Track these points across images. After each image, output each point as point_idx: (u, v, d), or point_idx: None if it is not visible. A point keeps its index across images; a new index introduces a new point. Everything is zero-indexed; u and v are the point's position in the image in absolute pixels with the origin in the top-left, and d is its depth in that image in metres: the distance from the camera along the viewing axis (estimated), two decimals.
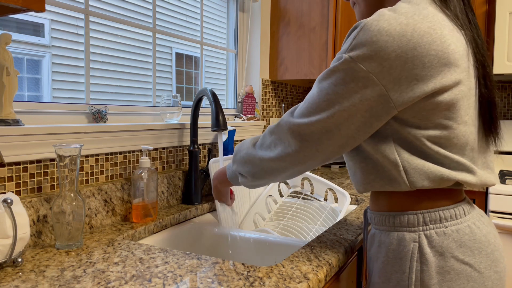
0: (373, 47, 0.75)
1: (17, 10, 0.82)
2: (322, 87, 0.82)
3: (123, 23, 1.50)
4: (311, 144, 0.84)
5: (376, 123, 0.80)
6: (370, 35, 0.76)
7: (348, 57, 0.78)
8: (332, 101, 0.80)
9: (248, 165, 0.98)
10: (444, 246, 0.81)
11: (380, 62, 0.75)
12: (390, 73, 0.75)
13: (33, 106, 1.19)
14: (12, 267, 0.88)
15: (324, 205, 1.61)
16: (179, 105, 1.57)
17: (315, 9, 2.15)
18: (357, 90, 0.78)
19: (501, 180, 1.96)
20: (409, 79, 0.76)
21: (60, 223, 1.00)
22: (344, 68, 0.78)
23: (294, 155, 0.87)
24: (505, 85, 2.49)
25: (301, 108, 0.86)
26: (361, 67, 0.76)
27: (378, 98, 0.77)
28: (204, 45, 1.96)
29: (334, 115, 0.80)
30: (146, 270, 0.87)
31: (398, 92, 0.76)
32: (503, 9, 2.05)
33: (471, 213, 0.86)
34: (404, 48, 0.75)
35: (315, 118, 0.82)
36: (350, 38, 0.80)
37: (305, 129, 0.84)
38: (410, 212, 0.85)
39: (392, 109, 0.78)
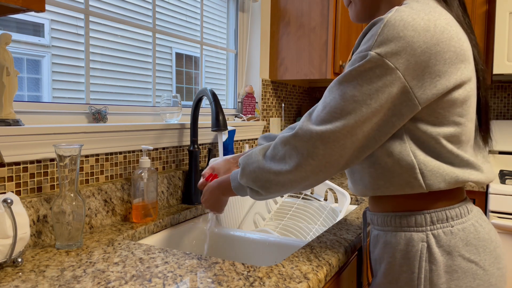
0: (401, 42, 0.74)
1: (17, 10, 0.82)
2: (345, 90, 0.78)
3: (123, 23, 1.50)
4: (336, 150, 0.79)
5: (398, 122, 0.79)
6: (396, 31, 0.74)
7: (376, 54, 0.75)
8: (359, 103, 0.76)
9: (260, 181, 0.88)
10: (452, 245, 0.82)
11: (407, 58, 0.74)
12: (415, 70, 0.75)
13: (33, 106, 1.19)
14: (12, 267, 0.88)
15: (324, 205, 1.61)
16: (179, 105, 1.57)
17: (315, 9, 2.15)
18: (384, 88, 0.75)
19: (501, 180, 1.96)
20: (432, 75, 0.75)
21: (60, 223, 1.00)
22: (372, 66, 0.75)
23: (315, 163, 0.81)
24: (505, 85, 2.49)
25: (320, 114, 0.81)
26: (389, 64, 0.74)
27: (402, 96, 0.76)
28: (204, 45, 1.96)
29: (362, 117, 0.77)
30: (146, 270, 0.87)
31: (422, 89, 0.76)
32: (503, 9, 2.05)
33: (473, 211, 0.87)
34: (429, 44, 0.74)
35: (340, 123, 0.78)
36: (373, 34, 0.77)
37: (329, 136, 0.78)
38: (417, 212, 0.85)
39: (415, 106, 0.77)
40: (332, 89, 0.81)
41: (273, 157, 0.87)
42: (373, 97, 0.76)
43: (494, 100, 2.50)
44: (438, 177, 0.81)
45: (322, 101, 0.82)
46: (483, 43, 2.15)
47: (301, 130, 0.82)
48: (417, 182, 0.81)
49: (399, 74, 0.75)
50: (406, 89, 0.76)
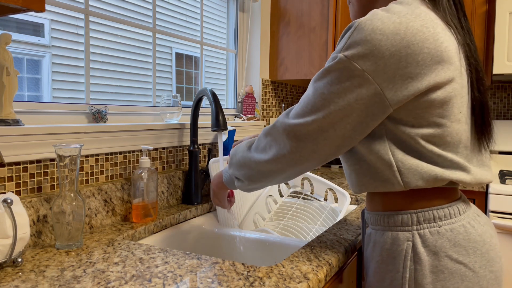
0: (368, 45, 0.76)
1: (17, 10, 0.82)
2: (317, 87, 0.82)
3: (123, 23, 1.50)
4: (307, 144, 0.83)
5: (372, 123, 0.80)
6: (364, 34, 0.76)
7: (343, 56, 0.78)
8: (327, 101, 0.80)
9: (244, 169, 0.95)
10: (438, 245, 0.81)
11: (375, 60, 0.76)
12: (384, 72, 0.76)
13: (33, 106, 1.19)
14: (12, 267, 0.88)
15: (324, 205, 1.62)
16: (179, 105, 1.57)
17: (315, 9, 2.15)
18: (352, 89, 0.77)
19: (501, 180, 1.96)
20: (403, 77, 0.76)
21: (60, 223, 1.00)
22: (339, 67, 0.78)
23: (289, 156, 0.86)
24: (505, 85, 2.49)
25: (296, 109, 0.86)
26: (356, 66, 0.76)
27: (373, 97, 0.77)
28: (204, 45, 1.96)
29: (330, 114, 0.80)
30: (146, 270, 0.87)
31: (393, 90, 0.77)
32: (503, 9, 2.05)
33: (467, 212, 0.86)
34: (398, 46, 0.75)
35: (310, 118, 0.82)
36: (345, 37, 0.80)
37: (300, 129, 0.83)
38: (404, 212, 0.85)
39: (387, 108, 0.78)
40: (310, 85, 0.85)
41: (256, 147, 0.93)
42: (341, 96, 0.78)
43: (494, 100, 2.50)
44: (416, 175, 0.81)
45: (302, 97, 0.86)
46: (483, 43, 2.15)
47: (278, 123, 0.87)
48: (395, 180, 0.82)
49: (367, 76, 0.76)
50: (377, 91, 0.77)
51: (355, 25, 0.79)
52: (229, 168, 1.01)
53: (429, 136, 0.80)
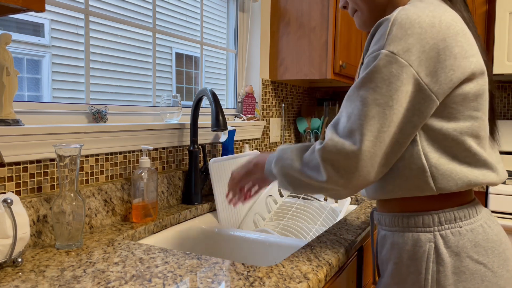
0: (410, 40, 0.75)
1: (17, 10, 0.82)
2: (366, 95, 0.77)
3: (123, 23, 1.50)
4: (367, 162, 0.77)
5: (419, 121, 0.78)
6: (404, 28, 0.75)
7: (388, 52, 0.75)
8: (382, 106, 0.75)
9: (290, 178, 0.88)
10: (460, 246, 0.81)
11: (418, 55, 0.75)
12: (427, 66, 0.75)
13: (33, 106, 1.19)
14: (12, 267, 0.88)
15: (324, 205, 1.61)
16: (179, 105, 1.57)
17: (315, 9, 2.15)
18: (402, 88, 0.75)
19: None
20: (445, 70, 0.76)
21: (60, 223, 1.00)
22: (386, 64, 0.75)
23: (347, 177, 0.78)
24: (505, 85, 2.49)
25: (346, 125, 0.79)
26: (403, 61, 0.75)
27: (418, 94, 0.76)
28: (204, 45, 1.96)
29: (386, 121, 0.76)
30: (146, 270, 0.87)
31: (437, 84, 0.76)
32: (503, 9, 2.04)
33: (482, 212, 0.86)
34: (436, 39, 0.75)
35: (367, 131, 0.76)
36: (382, 34, 0.77)
37: (359, 147, 0.76)
38: (425, 213, 0.84)
39: (434, 102, 0.77)
40: (351, 97, 0.79)
41: (307, 163, 0.85)
42: (394, 97, 0.75)
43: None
44: (450, 181, 0.80)
45: (345, 111, 0.80)
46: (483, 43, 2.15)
47: (331, 142, 0.79)
48: (428, 186, 0.81)
49: (413, 71, 0.75)
50: (421, 86, 0.76)
51: (391, 20, 0.77)
52: (275, 167, 0.92)
53: (467, 130, 0.80)
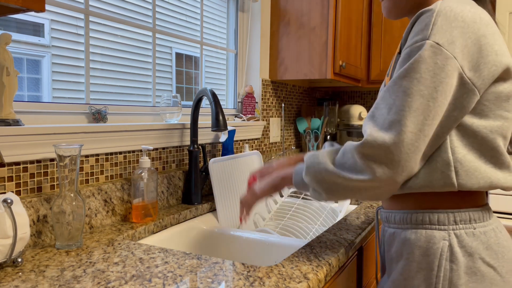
0: (454, 33, 0.74)
1: (17, 10, 0.82)
2: (409, 85, 0.74)
3: (123, 23, 1.50)
4: (411, 155, 0.75)
5: (460, 115, 0.78)
6: (449, 21, 0.74)
7: (434, 43, 0.74)
8: (425, 98, 0.74)
9: (326, 183, 0.83)
10: (474, 246, 0.81)
11: (461, 48, 0.74)
12: (470, 61, 0.75)
13: (33, 106, 1.19)
14: (12, 267, 0.88)
15: (324, 205, 1.61)
16: (179, 105, 1.57)
17: (315, 9, 2.15)
18: (447, 80, 0.74)
19: None
20: (488, 65, 0.76)
21: (60, 223, 1.00)
22: (431, 55, 0.74)
23: (390, 172, 0.75)
24: None
25: (387, 116, 0.76)
26: (447, 53, 0.73)
27: (461, 88, 0.76)
28: (204, 45, 1.96)
29: (430, 113, 0.74)
30: (146, 270, 0.87)
31: (480, 79, 0.76)
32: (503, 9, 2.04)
33: (493, 217, 0.87)
34: (477, 35, 0.75)
35: (411, 123, 0.73)
36: (426, 24, 0.75)
37: (403, 139, 0.73)
38: (440, 211, 0.83)
39: (475, 97, 0.77)
40: (393, 88, 0.77)
41: (342, 164, 0.81)
42: (438, 89, 0.74)
43: None
44: (473, 179, 0.79)
45: (384, 103, 0.77)
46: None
47: (371, 137, 0.75)
48: (450, 181, 0.79)
49: (457, 64, 0.74)
50: (464, 80, 0.75)
51: (435, 11, 0.76)
52: (306, 176, 0.86)
53: (497, 129, 0.80)
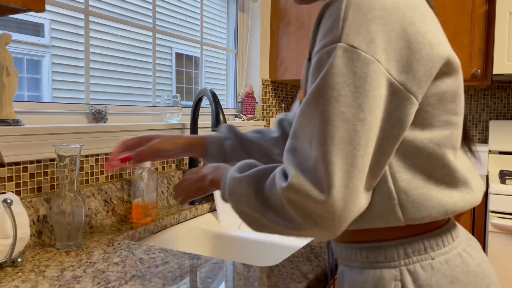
0: (372, 27, 0.55)
1: (17, 10, 0.82)
2: (325, 109, 0.55)
3: (123, 23, 1.50)
4: (348, 204, 0.54)
5: (401, 133, 0.58)
6: (363, 11, 0.56)
7: (347, 46, 0.55)
8: (350, 122, 0.54)
9: (249, 219, 0.66)
10: (433, 284, 0.63)
11: (384, 47, 0.56)
12: (397, 60, 0.57)
13: (33, 106, 1.19)
14: (12, 267, 0.88)
15: None
16: (179, 105, 1.57)
17: (315, 9, 2.15)
18: (372, 93, 0.55)
19: (501, 180, 1.96)
20: (422, 62, 0.58)
21: (60, 223, 1.00)
22: (346, 63, 0.55)
23: (327, 231, 0.56)
24: (505, 85, 2.49)
25: (309, 153, 0.56)
26: (366, 55, 0.54)
27: (394, 98, 0.57)
28: (204, 45, 1.96)
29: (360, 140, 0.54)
30: (146, 270, 0.87)
31: (415, 82, 0.57)
32: (503, 9, 2.05)
33: (460, 237, 0.68)
34: (403, 24, 0.57)
35: (338, 159, 0.54)
36: (335, 20, 0.56)
37: (333, 194, 0.53)
38: (387, 243, 0.65)
39: (414, 106, 0.58)
40: (307, 112, 0.57)
41: (268, 201, 0.62)
42: (364, 107, 0.54)
43: (494, 100, 2.51)
44: (422, 210, 0.61)
45: (303, 132, 0.57)
46: (483, 43, 2.15)
47: (297, 182, 0.55)
48: (394, 216, 0.61)
49: (382, 68, 0.55)
50: (396, 87, 0.57)
51: (344, 2, 0.57)
52: (229, 199, 0.69)
53: (444, 140, 0.62)
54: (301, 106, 0.58)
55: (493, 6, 2.13)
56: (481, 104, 2.52)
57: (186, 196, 0.84)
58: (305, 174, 0.55)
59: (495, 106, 2.51)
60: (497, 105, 2.50)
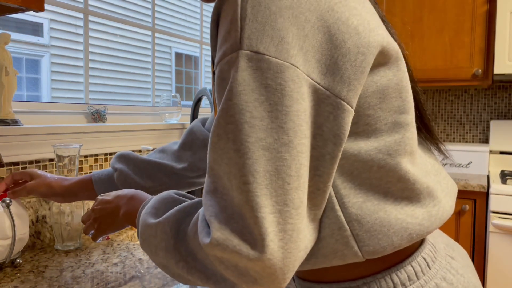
0: (279, 22, 0.44)
1: (16, 10, 0.82)
2: (238, 138, 0.43)
3: (123, 22, 1.50)
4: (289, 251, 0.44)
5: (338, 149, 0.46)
6: (264, 4, 0.44)
7: (250, 52, 0.43)
8: (274, 149, 0.43)
9: (168, 271, 0.55)
10: None
11: (300, 45, 0.44)
12: (318, 59, 0.45)
13: (32, 106, 1.19)
14: (11, 267, 0.88)
15: None
16: (178, 105, 1.56)
17: None
18: (295, 106, 0.43)
19: (502, 180, 1.95)
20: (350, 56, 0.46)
21: (59, 223, 1.00)
22: (253, 75, 0.43)
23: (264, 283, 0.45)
24: (506, 85, 2.48)
25: (230, 194, 0.45)
26: (278, 61, 0.43)
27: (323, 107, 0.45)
28: (203, 44, 1.95)
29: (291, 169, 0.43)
30: (145, 271, 0.87)
31: (344, 83, 0.45)
32: (503, 9, 2.04)
33: (437, 260, 0.55)
34: (319, 11, 0.45)
35: (268, 199, 0.43)
36: (232, 20, 0.45)
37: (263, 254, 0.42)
38: (349, 284, 0.53)
39: (348, 113, 0.46)
40: (217, 146, 0.45)
41: (187, 255, 0.51)
42: (288, 127, 0.43)
43: (495, 100, 2.50)
44: (382, 239, 0.49)
45: (220, 168, 0.45)
46: (483, 43, 2.15)
47: (221, 238, 0.43)
48: (350, 251, 0.49)
49: (301, 72, 0.44)
50: (321, 93, 0.45)
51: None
52: (142, 244, 0.56)
53: (394, 146, 0.50)
54: (210, 136, 0.46)
55: (493, 5, 2.13)
56: (482, 104, 2.52)
57: (98, 232, 0.73)
58: (230, 225, 0.44)
59: (496, 106, 2.50)
60: (498, 105, 2.50)
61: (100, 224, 0.72)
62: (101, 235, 0.74)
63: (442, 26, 2.20)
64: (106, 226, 0.72)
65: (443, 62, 2.22)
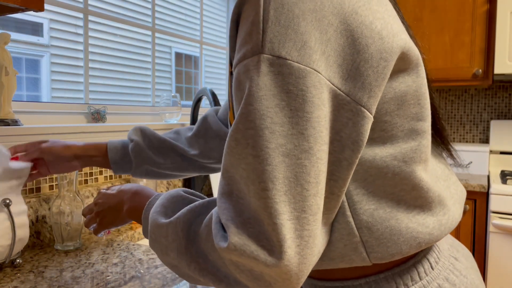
0: (302, 25, 0.43)
1: (16, 10, 0.82)
2: (257, 143, 0.43)
3: (123, 22, 1.50)
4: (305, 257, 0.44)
5: (355, 155, 0.46)
6: (288, 6, 0.43)
7: (272, 57, 0.42)
8: (294, 156, 0.43)
9: (179, 272, 0.55)
10: None
11: (322, 50, 0.43)
12: (340, 64, 0.44)
13: (32, 106, 1.18)
14: (11, 267, 0.88)
15: None
16: (178, 105, 1.56)
17: None
18: (316, 113, 0.43)
19: (502, 181, 1.95)
20: (372, 62, 0.45)
21: (59, 223, 1.00)
22: (274, 80, 0.42)
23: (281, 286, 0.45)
24: (506, 85, 2.48)
25: (247, 199, 0.44)
26: (300, 66, 0.42)
27: (343, 113, 0.45)
28: (204, 44, 1.95)
29: (310, 176, 0.43)
30: (145, 271, 0.87)
31: (365, 90, 0.45)
32: (504, 8, 2.04)
33: (441, 261, 0.55)
34: (342, 15, 0.44)
35: (287, 205, 0.42)
36: (253, 23, 0.44)
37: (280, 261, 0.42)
38: (353, 283, 0.53)
39: (367, 120, 0.45)
40: (235, 150, 0.44)
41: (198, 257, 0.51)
42: (308, 133, 0.43)
43: (495, 100, 2.50)
44: (391, 247, 0.49)
45: (237, 173, 0.45)
46: (484, 43, 2.15)
47: (239, 243, 0.43)
48: (358, 256, 0.49)
49: (323, 79, 0.43)
50: (341, 99, 0.44)
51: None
52: (152, 244, 0.57)
53: (410, 154, 0.50)
54: (227, 139, 0.45)
55: (494, 5, 2.13)
56: (482, 104, 2.52)
57: (100, 226, 0.72)
58: (247, 230, 0.44)
59: (496, 106, 2.50)
60: (498, 105, 2.50)
61: (102, 218, 0.72)
62: (103, 230, 0.73)
63: (442, 26, 2.20)
64: (108, 221, 0.71)
65: (443, 62, 2.22)
